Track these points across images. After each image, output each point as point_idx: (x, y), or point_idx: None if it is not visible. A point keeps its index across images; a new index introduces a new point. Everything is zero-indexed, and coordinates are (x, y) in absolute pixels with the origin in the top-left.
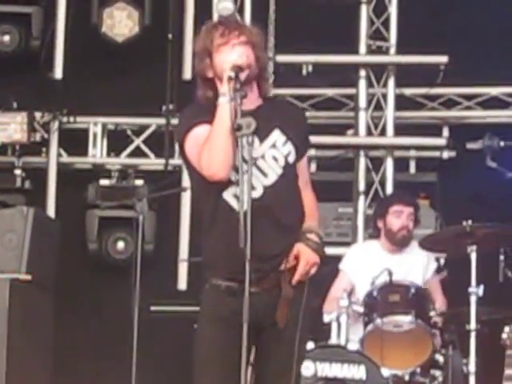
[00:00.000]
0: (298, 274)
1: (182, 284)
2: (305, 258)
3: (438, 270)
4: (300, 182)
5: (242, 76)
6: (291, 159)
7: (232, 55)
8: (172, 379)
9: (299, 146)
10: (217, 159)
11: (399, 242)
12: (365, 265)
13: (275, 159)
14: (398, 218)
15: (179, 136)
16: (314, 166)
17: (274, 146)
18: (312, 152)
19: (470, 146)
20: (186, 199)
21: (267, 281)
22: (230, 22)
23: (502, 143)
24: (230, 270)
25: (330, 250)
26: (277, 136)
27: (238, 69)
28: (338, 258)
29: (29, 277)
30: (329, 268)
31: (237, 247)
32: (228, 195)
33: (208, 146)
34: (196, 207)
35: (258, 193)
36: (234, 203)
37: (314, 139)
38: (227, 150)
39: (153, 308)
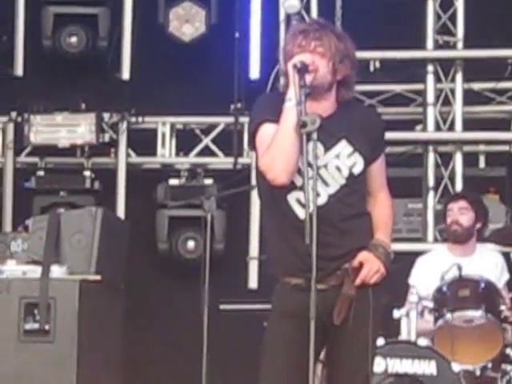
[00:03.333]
0: (359, 278)
1: (253, 282)
2: (369, 263)
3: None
4: (372, 186)
5: (309, 78)
6: (357, 171)
7: (299, 56)
8: (242, 378)
9: (368, 155)
10: (278, 164)
11: (452, 238)
12: (434, 274)
13: (338, 169)
14: (450, 215)
15: (251, 126)
16: None
17: (337, 156)
18: None
19: None
20: (255, 197)
21: (333, 278)
22: (312, 30)
23: None
24: (295, 268)
25: (400, 247)
26: (343, 147)
27: (302, 63)
28: (408, 255)
29: (98, 277)
30: (399, 265)
31: (301, 247)
32: (291, 199)
33: (271, 150)
34: (260, 204)
35: (322, 200)
36: (296, 208)
37: None
38: (290, 154)
39: (222, 307)
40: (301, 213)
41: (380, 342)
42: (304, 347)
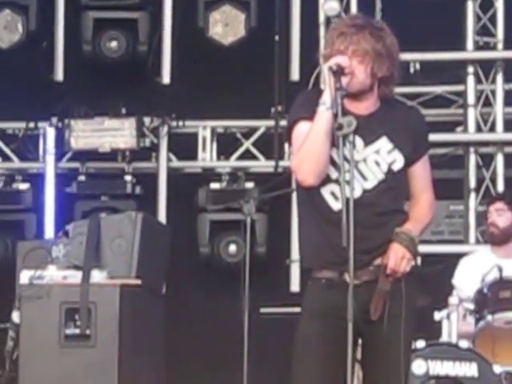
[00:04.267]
0: (388, 268)
1: (295, 286)
2: (393, 252)
3: None
4: (415, 187)
5: (345, 80)
6: (396, 167)
7: (336, 58)
8: (283, 381)
9: (409, 154)
10: (307, 166)
11: (490, 239)
12: (476, 275)
13: (377, 164)
14: (489, 216)
15: (289, 122)
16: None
17: (377, 152)
18: None
19: None
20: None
21: (366, 273)
22: (349, 34)
23: None
24: (329, 261)
25: (442, 248)
26: (383, 143)
27: (338, 66)
28: (450, 256)
29: (138, 282)
30: (441, 267)
31: (334, 240)
32: (326, 192)
33: (301, 151)
34: (296, 199)
35: (356, 194)
36: (330, 201)
37: None
38: (318, 158)
39: (262, 310)
40: (335, 205)
41: (421, 344)
42: (336, 347)
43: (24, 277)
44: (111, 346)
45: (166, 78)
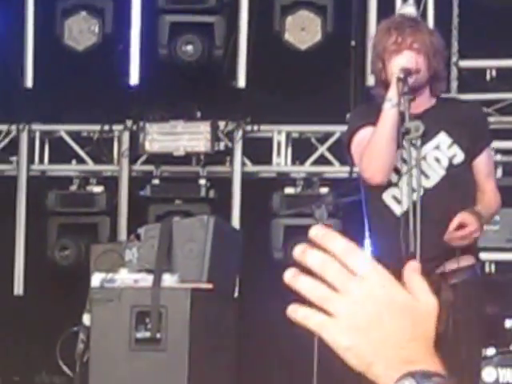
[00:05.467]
0: (459, 235)
1: None
2: (462, 216)
3: None
4: (478, 179)
5: (411, 80)
6: (457, 161)
7: (401, 59)
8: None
9: (469, 147)
10: (375, 163)
11: None
12: None
13: (437, 160)
14: None
15: (345, 137)
16: (499, 172)
17: (437, 147)
18: (497, 157)
19: None
20: None
21: (428, 283)
22: (405, 26)
23: None
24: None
25: None
26: (442, 138)
27: (406, 71)
28: None
29: (210, 286)
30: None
31: (395, 248)
32: (387, 196)
33: (369, 150)
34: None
35: (415, 195)
36: (392, 205)
37: (498, 144)
38: (386, 154)
39: None
40: (397, 209)
41: (491, 351)
42: None
43: (95, 280)
44: (182, 350)
45: (242, 82)
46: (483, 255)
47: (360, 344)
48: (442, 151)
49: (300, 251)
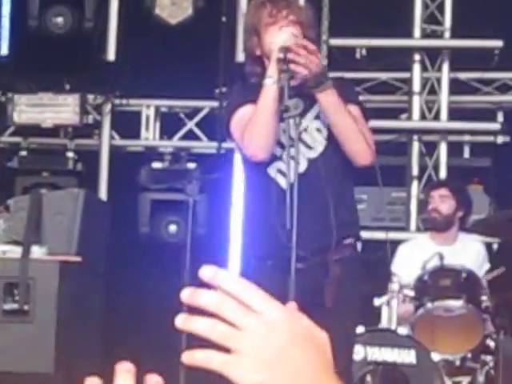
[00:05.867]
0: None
1: (235, 267)
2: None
3: (496, 266)
4: None
5: (290, 55)
6: None
7: (280, 36)
8: None
9: None
10: (257, 140)
11: (432, 225)
12: (416, 262)
13: (319, 130)
14: (431, 202)
15: (225, 116)
16: None
17: (317, 116)
18: None
19: None
20: (238, 181)
21: (314, 258)
22: None
23: None
24: (275, 247)
25: (382, 235)
26: (319, 107)
27: (285, 50)
28: (390, 243)
29: (79, 259)
30: (380, 253)
31: (283, 223)
32: (272, 170)
33: (250, 127)
34: (244, 185)
35: (302, 167)
36: (278, 178)
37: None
38: (269, 131)
39: None
40: (283, 182)
41: (360, 329)
42: None
43: None
44: (49, 322)
45: (111, 56)
46: None
47: (273, 378)
48: (321, 120)
49: (189, 294)
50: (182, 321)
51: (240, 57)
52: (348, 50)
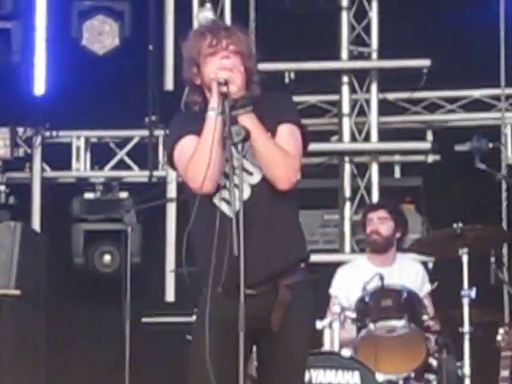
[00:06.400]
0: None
1: (170, 296)
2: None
3: (431, 280)
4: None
5: (232, 88)
6: None
7: (221, 72)
8: None
9: (273, 126)
10: (202, 173)
11: (372, 247)
12: (355, 284)
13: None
14: (370, 224)
15: (167, 147)
16: (298, 174)
17: None
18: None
19: (459, 148)
20: (171, 210)
21: (265, 284)
22: (219, 29)
23: (490, 144)
24: (224, 276)
25: (317, 258)
26: None
27: (225, 83)
28: (325, 266)
29: (18, 292)
30: (316, 276)
31: (230, 252)
32: (217, 199)
33: (195, 160)
34: (188, 214)
35: (245, 194)
36: (223, 207)
37: (313, 146)
38: (214, 163)
39: (144, 320)
40: (228, 211)
41: None
42: (231, 359)
43: None
44: None
45: (40, 88)
46: None
47: None
48: None
49: None
50: None
51: (168, 85)
52: (277, 74)
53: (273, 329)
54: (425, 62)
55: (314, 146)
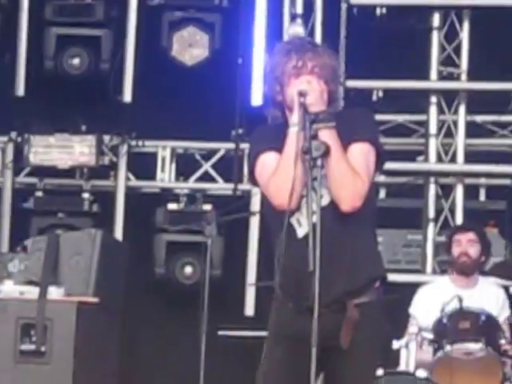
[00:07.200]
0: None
1: (250, 309)
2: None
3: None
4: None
5: (309, 99)
6: None
7: (299, 83)
8: None
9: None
10: (285, 190)
11: (460, 269)
12: (435, 305)
13: (326, 177)
14: (458, 246)
15: (250, 160)
16: (383, 193)
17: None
18: (381, 178)
19: None
20: (254, 224)
21: (337, 304)
22: (305, 49)
23: None
24: (298, 294)
25: (398, 277)
26: None
27: (302, 93)
28: (406, 286)
29: (96, 299)
30: (397, 296)
31: (304, 271)
32: (294, 220)
33: (277, 177)
34: (267, 230)
35: (315, 217)
36: (296, 227)
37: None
38: (295, 181)
39: (220, 333)
40: (299, 232)
41: (379, 372)
42: (301, 374)
43: None
44: (66, 363)
45: (128, 97)
46: None
47: None
48: None
49: None
50: None
51: (256, 99)
52: (365, 91)
53: (342, 347)
54: None
55: (399, 165)
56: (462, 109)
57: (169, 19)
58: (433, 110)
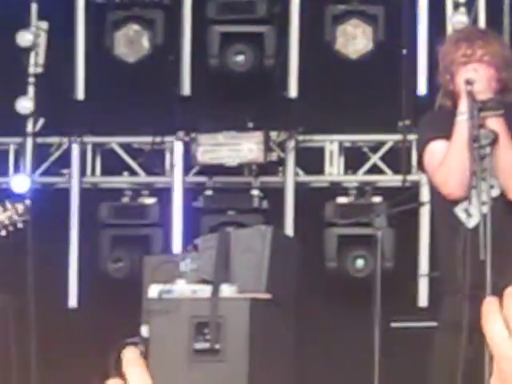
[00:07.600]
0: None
1: (423, 301)
2: None
3: None
4: None
5: (477, 87)
6: None
7: (466, 71)
8: None
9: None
10: (454, 178)
11: None
12: None
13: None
14: None
15: (418, 147)
16: None
17: None
18: None
19: None
20: (424, 214)
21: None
22: (475, 37)
23: None
24: (468, 283)
25: None
26: None
27: (470, 81)
28: None
29: (268, 296)
30: None
31: (473, 261)
32: (459, 210)
33: (445, 165)
34: (432, 219)
35: (486, 207)
36: (463, 218)
37: None
38: (464, 169)
39: (393, 325)
40: (468, 222)
41: None
42: (474, 362)
43: (153, 291)
44: (241, 360)
45: (293, 92)
46: None
47: None
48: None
49: None
50: None
51: (422, 89)
52: None
53: None
54: None
55: None
56: None
57: (332, 13)
58: None
